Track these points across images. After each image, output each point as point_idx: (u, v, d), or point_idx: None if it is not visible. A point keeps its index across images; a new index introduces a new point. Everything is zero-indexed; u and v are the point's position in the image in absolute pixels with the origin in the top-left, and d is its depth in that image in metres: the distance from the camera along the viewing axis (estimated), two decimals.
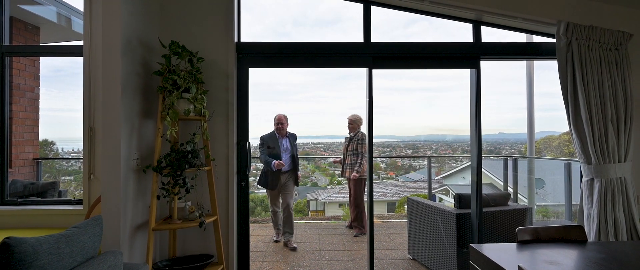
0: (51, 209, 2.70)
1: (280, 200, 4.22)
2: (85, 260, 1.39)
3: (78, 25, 4.86)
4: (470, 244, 1.77)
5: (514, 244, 1.78)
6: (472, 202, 2.92)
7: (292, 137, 4.27)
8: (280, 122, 4.17)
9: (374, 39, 2.79)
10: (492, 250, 1.67)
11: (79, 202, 2.79)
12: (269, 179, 4.09)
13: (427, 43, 2.76)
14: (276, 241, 4.28)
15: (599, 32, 2.54)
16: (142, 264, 1.83)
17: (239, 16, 2.78)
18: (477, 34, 2.82)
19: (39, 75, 4.87)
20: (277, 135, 4.18)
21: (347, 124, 4.67)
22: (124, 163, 2.18)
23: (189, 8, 2.66)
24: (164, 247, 2.61)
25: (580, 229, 1.84)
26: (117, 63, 2.14)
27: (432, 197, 5.95)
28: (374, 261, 2.92)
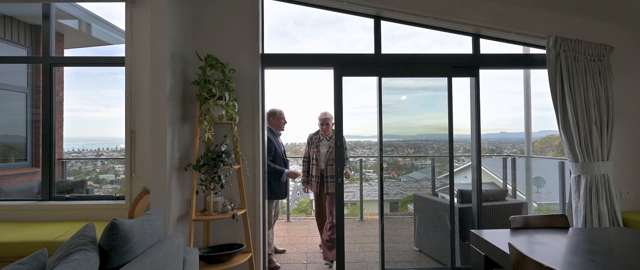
0: (97, 204, 3.02)
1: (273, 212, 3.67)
2: (158, 240, 1.71)
3: (97, 31, 5.19)
4: (471, 230, 2.09)
5: (508, 230, 2.10)
6: (472, 197, 3.24)
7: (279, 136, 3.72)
8: (282, 117, 3.61)
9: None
10: (488, 235, 1.99)
11: (121, 198, 3.11)
12: (275, 187, 3.48)
13: (431, 54, 3.08)
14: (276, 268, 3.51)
15: (584, 45, 2.86)
16: (191, 248, 2.15)
17: (263, 30, 3.10)
18: (476, 45, 3.14)
19: (63, 80, 5.19)
20: (277, 132, 3.60)
21: (320, 125, 3.70)
22: (169, 162, 2.51)
23: (218, 24, 2.98)
24: (198, 236, 2.93)
25: (564, 217, 2.15)
26: (164, 76, 2.46)
27: (435, 195, 6.24)
28: (384, 252, 3.24)
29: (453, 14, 2.95)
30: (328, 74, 3.45)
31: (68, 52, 5.42)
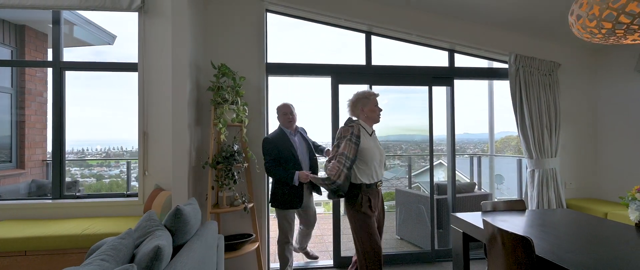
0: (110, 201, 3.21)
1: (296, 224, 3.18)
2: (199, 226, 2.02)
3: (79, 31, 5.23)
4: (451, 213, 2.57)
5: (479, 213, 2.59)
6: (448, 189, 3.76)
7: (304, 132, 3.22)
8: (288, 111, 3.02)
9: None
10: (465, 217, 2.47)
11: (132, 195, 3.32)
12: (288, 195, 2.91)
13: (415, 66, 3.57)
14: None
15: (537, 61, 3.46)
16: (218, 235, 2.45)
17: (267, 41, 3.42)
18: (451, 59, 3.66)
19: (47, 80, 5.19)
20: (287, 131, 3.03)
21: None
22: (188, 161, 2.78)
23: (227, 35, 3.26)
24: None
25: (521, 202, 2.69)
26: (184, 83, 2.74)
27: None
28: None
29: (433, 32, 3.45)
30: (315, 80, 3.80)
31: (51, 52, 5.41)
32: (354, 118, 2.51)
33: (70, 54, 5.63)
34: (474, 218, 2.42)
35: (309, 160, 3.08)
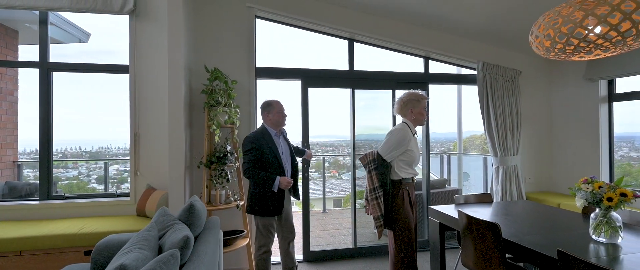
0: (102, 201, 3.25)
1: (276, 231, 2.87)
2: (205, 221, 2.18)
3: (51, 29, 5.11)
4: (429, 206, 2.87)
5: (453, 205, 2.92)
6: (423, 185, 4.09)
7: (286, 134, 2.98)
8: (284, 110, 2.83)
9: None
10: (441, 208, 2.77)
11: (123, 195, 3.36)
12: (269, 201, 2.68)
13: (394, 72, 3.86)
14: None
15: (502, 69, 3.86)
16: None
17: (255, 46, 3.58)
18: (426, 66, 3.99)
19: (18, 79, 5.04)
20: (273, 132, 2.80)
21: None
22: (184, 162, 2.90)
23: (218, 40, 3.39)
24: None
25: (489, 195, 3.05)
26: (180, 87, 2.85)
27: None
28: (356, 232, 3.95)
29: (410, 41, 3.76)
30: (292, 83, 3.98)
31: (22, 49, 5.24)
32: (401, 118, 2.63)
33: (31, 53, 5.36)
34: (449, 210, 2.73)
35: (291, 165, 2.88)
